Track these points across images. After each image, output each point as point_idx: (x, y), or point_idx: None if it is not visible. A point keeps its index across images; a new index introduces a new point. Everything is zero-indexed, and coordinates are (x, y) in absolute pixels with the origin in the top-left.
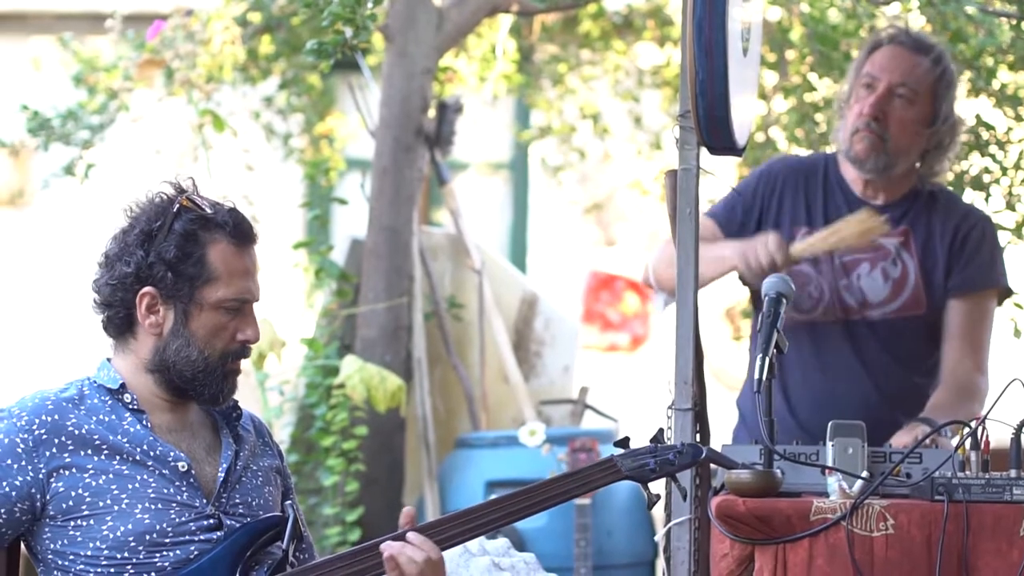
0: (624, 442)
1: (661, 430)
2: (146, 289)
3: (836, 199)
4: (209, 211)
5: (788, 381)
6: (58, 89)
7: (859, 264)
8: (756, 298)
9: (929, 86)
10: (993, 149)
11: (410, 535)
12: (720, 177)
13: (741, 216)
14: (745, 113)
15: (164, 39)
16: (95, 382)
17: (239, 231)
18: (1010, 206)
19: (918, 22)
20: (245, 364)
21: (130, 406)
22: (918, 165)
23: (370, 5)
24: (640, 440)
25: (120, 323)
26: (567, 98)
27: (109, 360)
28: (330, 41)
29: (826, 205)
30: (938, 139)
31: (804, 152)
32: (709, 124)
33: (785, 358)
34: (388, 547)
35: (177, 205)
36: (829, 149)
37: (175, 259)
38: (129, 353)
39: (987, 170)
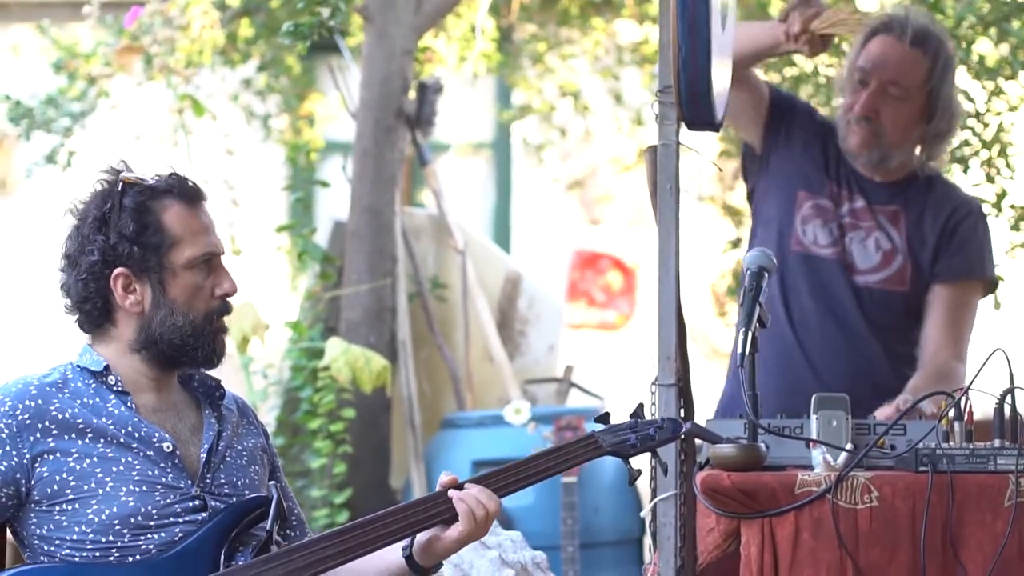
0: (605, 418)
1: (641, 405)
2: (118, 270)
3: (844, 167)
4: (151, 181)
5: (796, 317)
6: (38, 76)
7: (856, 228)
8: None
9: (922, 81)
10: (972, 122)
11: (471, 486)
12: (699, 151)
13: (786, 108)
14: (723, 88)
15: (142, 25)
16: (78, 366)
17: (185, 191)
18: (989, 179)
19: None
20: (229, 348)
21: (114, 388)
22: (919, 151)
23: None
24: (626, 417)
25: (98, 314)
26: (547, 76)
27: (90, 344)
28: (305, 23)
29: (838, 169)
30: (937, 129)
31: None
32: (691, 99)
33: (794, 291)
34: (454, 495)
35: (120, 184)
36: None
37: (135, 232)
38: (110, 340)
39: (967, 143)
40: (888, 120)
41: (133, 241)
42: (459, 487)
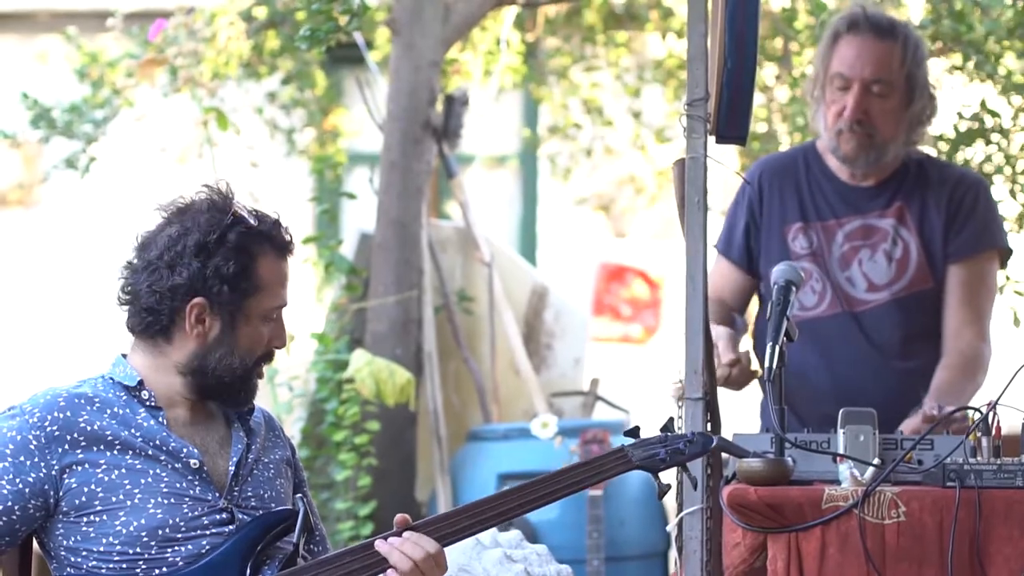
0: (635, 432)
1: (671, 419)
2: (197, 300)
3: (824, 189)
4: (256, 222)
5: (807, 378)
6: (64, 85)
7: (859, 251)
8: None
9: (901, 71)
10: (996, 137)
11: (404, 533)
12: (727, 165)
13: (743, 238)
14: None
15: (166, 37)
16: (111, 378)
17: (281, 241)
18: (1012, 194)
19: (922, 6)
20: None
21: (147, 403)
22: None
23: None
24: (651, 430)
25: (158, 328)
26: (571, 92)
27: (124, 356)
28: (323, 28)
29: (814, 198)
30: (918, 113)
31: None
32: (730, 112)
33: (800, 355)
34: (379, 547)
35: (230, 216)
36: None
37: (234, 274)
38: (158, 355)
39: (989, 158)
40: (878, 118)
41: (227, 281)
42: (407, 529)
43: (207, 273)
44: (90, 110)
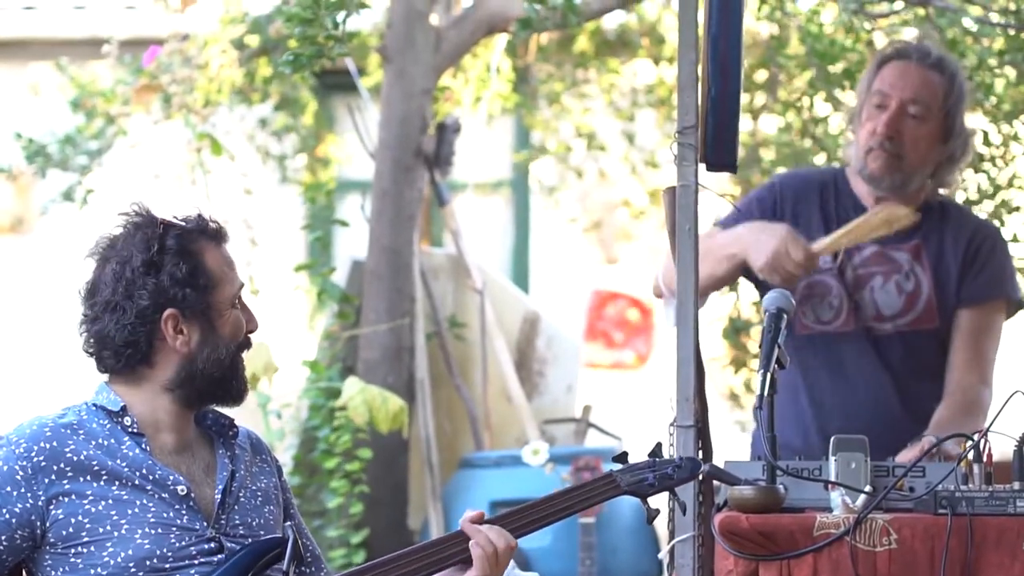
0: (623, 457)
1: (659, 444)
2: (168, 312)
3: (849, 215)
4: (184, 222)
5: (816, 392)
6: (56, 115)
7: (872, 277)
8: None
9: (941, 101)
10: (987, 165)
11: (485, 526)
12: (718, 193)
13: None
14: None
15: (160, 64)
16: (94, 405)
17: (213, 231)
18: (1002, 222)
19: (912, 36)
20: None
21: (129, 429)
22: (929, 179)
23: (340, 19)
24: (641, 457)
25: (140, 357)
26: (563, 117)
27: (107, 383)
28: (307, 53)
29: (839, 220)
30: (951, 153)
31: (786, 169)
32: (716, 140)
33: (812, 368)
34: (472, 541)
35: (160, 227)
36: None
37: (187, 274)
38: (141, 383)
39: (980, 187)
40: (909, 141)
41: (185, 284)
42: (480, 523)
43: (164, 284)
44: (84, 141)
